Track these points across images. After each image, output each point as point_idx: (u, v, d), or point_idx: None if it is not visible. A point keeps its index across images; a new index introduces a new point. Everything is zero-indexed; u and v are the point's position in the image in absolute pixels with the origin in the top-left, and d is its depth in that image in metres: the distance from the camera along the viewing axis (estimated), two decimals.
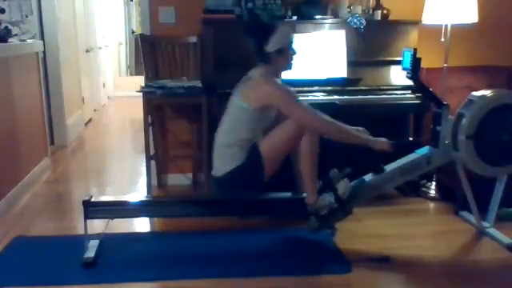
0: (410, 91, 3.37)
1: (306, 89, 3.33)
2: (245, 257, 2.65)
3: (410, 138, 3.45)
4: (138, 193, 3.74)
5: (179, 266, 2.53)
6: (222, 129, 2.64)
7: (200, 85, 3.43)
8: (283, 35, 2.56)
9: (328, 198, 2.60)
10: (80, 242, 2.63)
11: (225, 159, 2.59)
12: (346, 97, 3.30)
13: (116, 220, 2.76)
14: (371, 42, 3.53)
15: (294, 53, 2.63)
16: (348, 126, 2.64)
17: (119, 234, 2.90)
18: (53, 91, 4.97)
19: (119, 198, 2.88)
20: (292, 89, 2.65)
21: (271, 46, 2.54)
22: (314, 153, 2.59)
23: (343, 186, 2.61)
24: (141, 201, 2.87)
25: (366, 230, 2.96)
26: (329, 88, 3.34)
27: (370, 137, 2.65)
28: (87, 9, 6.80)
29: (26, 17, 4.41)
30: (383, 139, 2.63)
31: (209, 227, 2.95)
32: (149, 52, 3.64)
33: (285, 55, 2.58)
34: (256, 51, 2.59)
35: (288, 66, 2.65)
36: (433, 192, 3.50)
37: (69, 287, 2.38)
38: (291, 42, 2.61)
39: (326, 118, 2.60)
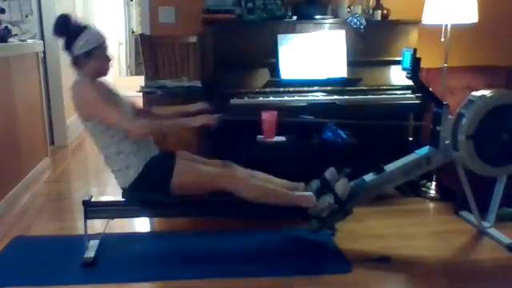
0: (410, 91, 3.37)
1: (305, 89, 3.34)
2: (245, 257, 2.65)
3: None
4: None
5: (179, 266, 2.53)
6: (99, 152, 2.54)
7: (200, 85, 3.43)
8: (91, 37, 2.41)
9: (327, 200, 2.59)
10: (80, 242, 2.63)
11: (120, 176, 2.51)
12: (345, 97, 3.30)
13: (116, 220, 2.76)
14: (371, 42, 3.53)
15: (109, 58, 2.49)
16: (176, 111, 2.64)
17: (119, 234, 2.90)
18: (53, 91, 4.96)
19: (119, 198, 2.87)
20: (115, 94, 2.55)
21: (78, 48, 2.39)
22: (264, 191, 2.55)
23: (342, 186, 2.61)
24: (143, 200, 2.86)
25: (365, 230, 2.96)
26: (329, 88, 3.35)
27: (188, 118, 2.57)
28: (87, 9, 6.80)
29: (26, 17, 4.41)
30: (200, 103, 2.62)
31: (209, 227, 2.95)
32: (149, 52, 3.64)
33: (95, 59, 2.42)
34: (67, 53, 2.45)
35: (101, 72, 2.51)
36: (433, 192, 3.50)
37: (69, 287, 2.38)
38: (102, 45, 2.45)
39: (142, 121, 2.49)
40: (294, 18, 3.54)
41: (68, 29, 2.43)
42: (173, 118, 2.66)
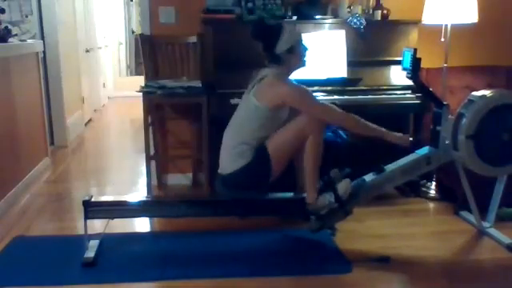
0: (410, 91, 3.37)
1: None
2: (245, 257, 2.65)
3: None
4: (138, 193, 3.74)
5: (179, 266, 2.53)
6: (232, 127, 2.64)
7: (200, 85, 3.43)
8: (291, 34, 2.57)
9: (328, 198, 2.60)
10: (80, 242, 2.63)
11: (233, 157, 2.58)
12: (345, 97, 3.30)
13: (116, 220, 2.76)
14: (371, 42, 3.53)
15: (306, 49, 2.64)
16: (364, 121, 2.68)
17: (119, 234, 2.90)
18: (53, 91, 4.97)
19: (119, 198, 2.88)
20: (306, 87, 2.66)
21: (281, 47, 2.55)
22: (317, 153, 2.59)
23: (344, 186, 2.61)
24: (141, 201, 2.87)
25: (366, 230, 2.96)
26: (329, 88, 3.34)
27: (388, 131, 2.68)
28: (87, 9, 6.80)
29: (26, 17, 4.42)
30: (401, 134, 2.68)
31: (209, 227, 2.95)
32: (149, 52, 3.64)
33: (296, 53, 2.59)
34: (266, 54, 2.60)
35: (301, 64, 2.65)
36: (433, 192, 3.50)
37: (69, 287, 2.38)
38: (301, 40, 2.62)
39: (343, 112, 2.63)
40: (294, 18, 3.54)
41: (267, 31, 2.59)
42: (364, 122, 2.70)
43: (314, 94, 3.31)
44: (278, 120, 2.59)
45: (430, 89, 2.85)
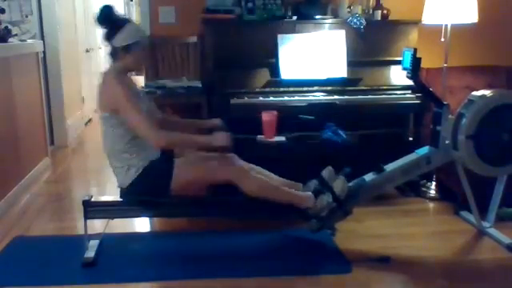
0: (410, 91, 3.37)
1: (305, 89, 3.34)
2: (245, 257, 2.65)
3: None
4: None
5: (179, 266, 2.53)
6: (103, 145, 2.55)
7: (200, 85, 3.43)
8: (131, 32, 2.43)
9: (325, 199, 2.59)
10: (80, 242, 2.63)
11: (121, 171, 2.51)
12: (346, 97, 3.30)
13: (116, 220, 2.76)
14: (371, 42, 3.53)
15: (145, 56, 2.55)
16: (193, 125, 2.65)
17: (119, 234, 2.90)
18: (53, 91, 4.96)
19: (119, 198, 2.87)
20: (143, 96, 2.57)
21: (118, 41, 2.42)
22: (264, 185, 2.54)
23: (340, 185, 2.60)
24: (141, 201, 2.86)
25: (365, 230, 2.96)
26: (329, 88, 3.35)
27: (203, 137, 2.55)
28: (87, 9, 6.80)
29: (26, 17, 4.41)
30: (220, 133, 2.51)
31: (209, 227, 2.95)
32: (149, 52, 3.64)
33: (132, 54, 2.45)
34: (106, 43, 2.48)
35: (136, 67, 2.57)
36: (433, 192, 3.50)
37: (69, 287, 2.38)
38: (140, 42, 2.46)
39: (160, 132, 2.43)
40: (294, 18, 3.54)
41: (111, 20, 2.45)
42: (187, 129, 2.66)
43: (314, 94, 3.33)
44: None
45: (430, 89, 2.85)
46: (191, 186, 2.54)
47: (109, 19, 2.45)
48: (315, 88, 3.34)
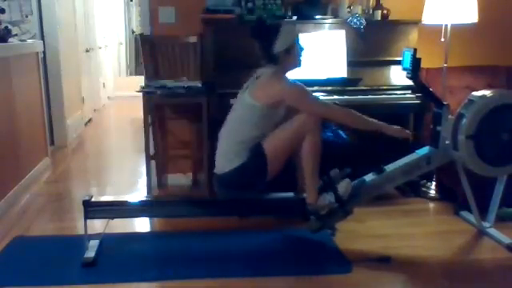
0: (410, 91, 3.37)
1: None
2: (245, 257, 2.65)
3: None
4: (138, 193, 3.73)
5: (179, 266, 2.53)
6: (227, 127, 2.64)
7: (200, 85, 3.43)
8: (289, 34, 2.58)
9: (328, 198, 2.60)
10: (80, 242, 2.63)
11: (229, 157, 2.57)
12: (345, 97, 3.30)
13: (116, 220, 2.76)
14: (371, 42, 3.53)
15: (302, 49, 2.65)
16: (361, 115, 2.66)
17: (119, 234, 2.90)
18: (53, 91, 4.97)
19: (119, 198, 2.88)
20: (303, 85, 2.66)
21: (278, 47, 2.55)
22: (316, 152, 2.58)
23: (344, 186, 2.61)
24: (141, 201, 2.87)
25: (366, 230, 2.96)
26: (329, 88, 3.34)
27: (387, 124, 2.67)
28: (87, 9, 6.80)
29: (26, 17, 4.41)
30: (400, 127, 2.67)
31: (209, 227, 2.95)
32: (149, 52, 3.64)
33: (292, 54, 2.60)
34: (264, 53, 2.61)
35: (297, 64, 2.66)
36: (433, 192, 3.50)
37: (69, 287, 2.38)
38: (298, 40, 2.62)
39: (342, 108, 2.66)
40: (294, 18, 3.54)
41: (266, 30, 2.59)
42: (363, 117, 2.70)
43: (314, 94, 3.32)
44: (274, 119, 2.59)
45: (430, 89, 2.85)
46: (283, 155, 2.57)
47: (264, 31, 2.59)
48: (315, 88, 3.33)
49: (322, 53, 3.39)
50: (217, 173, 2.65)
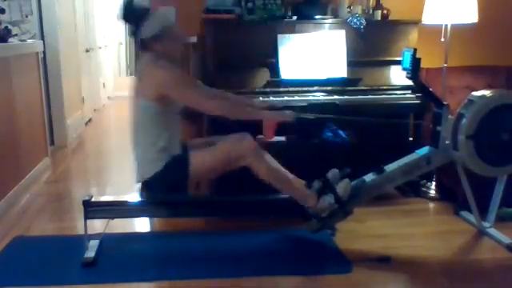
0: (410, 91, 3.37)
1: (305, 89, 3.33)
2: (245, 257, 2.65)
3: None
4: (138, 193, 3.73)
5: (179, 266, 2.53)
6: (132, 134, 2.54)
7: None
8: (157, 20, 2.41)
9: (328, 200, 2.59)
10: (80, 242, 2.63)
11: (146, 164, 2.50)
12: (345, 97, 3.30)
13: (116, 220, 2.76)
14: (371, 42, 3.53)
15: (178, 38, 2.53)
16: (243, 102, 2.60)
17: (119, 234, 2.90)
18: (53, 91, 4.97)
19: (119, 198, 2.87)
20: (185, 73, 2.52)
21: (145, 32, 2.40)
22: (273, 175, 2.52)
23: (343, 187, 2.61)
24: (141, 201, 2.87)
25: (366, 230, 2.96)
26: (329, 88, 3.34)
27: (266, 111, 2.55)
28: (87, 9, 6.80)
29: (26, 17, 4.41)
30: (282, 111, 2.53)
31: (209, 227, 2.95)
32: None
33: (163, 41, 2.43)
34: (134, 38, 2.47)
35: (173, 52, 2.52)
36: (433, 192, 3.50)
37: (69, 287, 2.38)
38: (169, 26, 2.45)
39: (219, 99, 2.52)
40: (294, 18, 3.54)
41: (134, 13, 2.42)
42: (242, 106, 2.65)
43: (314, 94, 3.32)
44: (172, 113, 2.48)
45: (430, 89, 2.85)
46: (208, 174, 2.53)
47: (131, 13, 2.43)
48: (315, 88, 3.34)
49: (322, 53, 3.40)
50: (141, 181, 2.56)
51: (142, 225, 3.14)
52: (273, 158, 2.61)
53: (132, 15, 2.42)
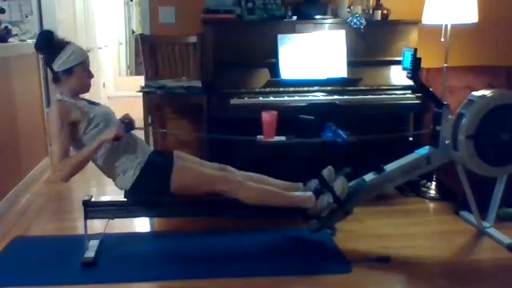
0: (410, 91, 3.37)
1: (305, 89, 3.33)
2: (245, 257, 2.65)
3: None
4: None
5: (179, 266, 2.53)
6: (95, 163, 2.57)
7: (200, 85, 3.43)
8: (72, 55, 2.42)
9: (326, 199, 2.59)
10: (80, 242, 2.63)
11: (119, 181, 2.53)
12: (346, 97, 3.30)
13: (116, 220, 2.76)
14: (371, 42, 3.53)
15: (89, 75, 2.53)
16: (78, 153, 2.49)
17: (119, 234, 2.90)
18: (53, 91, 4.95)
19: (119, 198, 2.87)
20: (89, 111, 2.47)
21: (58, 66, 2.41)
22: (263, 192, 2.56)
23: (340, 185, 2.60)
24: (143, 201, 2.86)
25: (365, 230, 2.96)
26: (329, 88, 3.35)
27: (100, 136, 2.42)
28: (87, 9, 6.79)
29: (26, 17, 4.41)
30: (107, 131, 2.42)
31: (209, 227, 2.95)
32: (149, 52, 3.64)
33: (75, 76, 2.45)
34: (48, 68, 2.49)
35: (81, 89, 2.53)
36: (433, 192, 3.50)
37: (69, 287, 2.38)
38: (81, 64, 2.46)
39: (61, 162, 2.40)
40: (294, 18, 3.54)
41: (50, 45, 2.44)
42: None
43: (314, 94, 3.32)
44: (94, 136, 2.42)
45: (430, 89, 2.85)
46: (189, 190, 2.54)
47: (48, 44, 2.44)
48: (315, 88, 3.34)
49: (322, 53, 3.40)
50: (125, 189, 2.56)
51: (141, 225, 3.14)
52: (257, 178, 2.65)
53: (48, 46, 2.45)
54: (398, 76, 3.42)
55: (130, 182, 2.49)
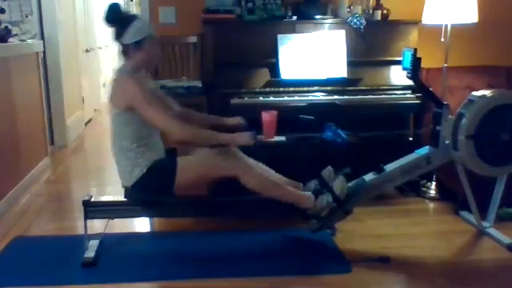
0: (410, 91, 3.37)
1: (305, 89, 3.34)
2: (245, 257, 2.65)
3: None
4: None
5: (179, 266, 2.53)
6: (112, 141, 2.56)
7: (200, 85, 3.43)
8: (141, 28, 2.44)
9: (325, 199, 2.58)
10: (80, 242, 2.63)
11: (127, 170, 2.50)
12: (346, 97, 3.30)
13: (116, 220, 2.76)
14: (371, 42, 3.53)
15: (157, 51, 2.55)
16: (214, 121, 2.62)
17: (119, 233, 2.90)
18: (53, 91, 4.96)
19: (119, 198, 2.87)
20: (158, 91, 2.51)
21: (129, 38, 2.42)
22: (265, 181, 2.52)
23: (339, 185, 2.60)
24: (143, 200, 2.86)
25: (365, 230, 2.96)
26: (329, 88, 3.35)
27: (226, 134, 2.50)
28: (87, 9, 6.80)
29: (26, 17, 4.41)
30: (241, 133, 2.49)
31: (209, 227, 2.95)
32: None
33: (144, 49, 2.45)
34: (117, 43, 2.49)
35: (149, 64, 2.55)
36: (433, 192, 3.50)
37: (69, 287, 2.38)
38: (150, 36, 2.48)
39: (187, 126, 2.47)
40: (294, 18, 3.54)
41: (120, 17, 2.46)
42: (205, 125, 2.66)
43: (314, 94, 3.32)
44: (142, 121, 2.43)
45: (430, 89, 2.85)
46: (195, 184, 2.52)
47: (117, 17, 2.45)
48: (315, 88, 3.34)
49: (322, 53, 3.40)
50: (126, 187, 2.55)
51: (141, 225, 3.14)
52: (262, 167, 2.63)
53: (117, 19, 2.46)
54: (398, 76, 3.42)
55: (135, 179, 2.48)
